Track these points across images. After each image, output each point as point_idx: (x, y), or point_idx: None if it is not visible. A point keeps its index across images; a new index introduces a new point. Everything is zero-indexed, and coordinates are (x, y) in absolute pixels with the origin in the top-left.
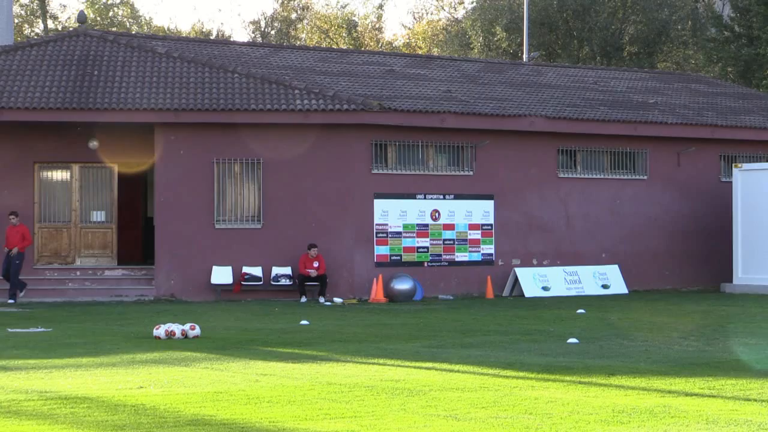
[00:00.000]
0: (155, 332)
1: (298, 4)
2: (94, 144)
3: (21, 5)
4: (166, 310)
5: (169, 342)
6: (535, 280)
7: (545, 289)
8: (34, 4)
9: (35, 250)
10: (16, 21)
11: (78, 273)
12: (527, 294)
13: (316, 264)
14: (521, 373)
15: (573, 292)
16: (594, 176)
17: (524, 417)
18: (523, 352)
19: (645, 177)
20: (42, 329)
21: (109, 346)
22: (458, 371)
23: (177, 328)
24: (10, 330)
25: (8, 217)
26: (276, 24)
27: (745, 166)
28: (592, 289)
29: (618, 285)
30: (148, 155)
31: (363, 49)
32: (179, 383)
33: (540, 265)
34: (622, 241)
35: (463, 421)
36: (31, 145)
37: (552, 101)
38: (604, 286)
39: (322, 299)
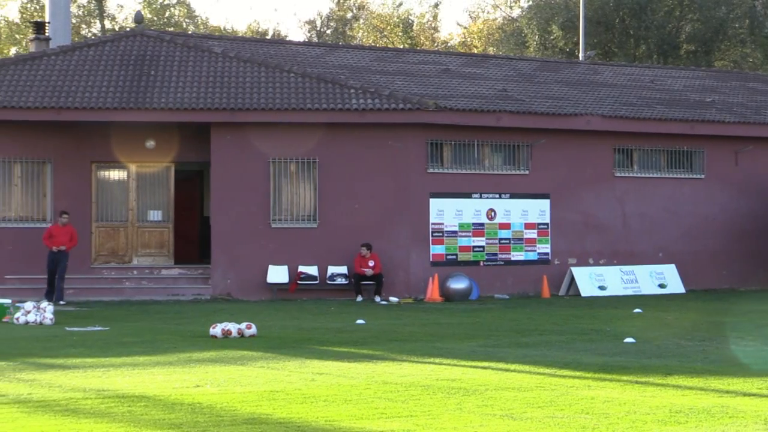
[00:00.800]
0: (212, 331)
1: (354, 4)
2: (151, 144)
3: (78, 6)
4: (223, 309)
5: (226, 341)
6: (592, 280)
7: (602, 288)
8: (92, 4)
9: (92, 250)
10: (73, 21)
11: (135, 272)
12: (583, 293)
13: (371, 263)
14: (578, 373)
15: (629, 292)
16: (650, 175)
17: (581, 417)
18: (579, 352)
19: (702, 176)
20: (99, 328)
21: (165, 345)
22: (514, 371)
23: (233, 327)
24: (67, 329)
25: (59, 216)
26: (332, 23)
27: None
28: (649, 288)
29: (675, 284)
30: (205, 155)
31: (419, 48)
32: (235, 382)
33: (596, 264)
34: (679, 241)
35: (519, 421)
36: (89, 144)
37: (608, 100)
38: (661, 286)
39: (377, 298)
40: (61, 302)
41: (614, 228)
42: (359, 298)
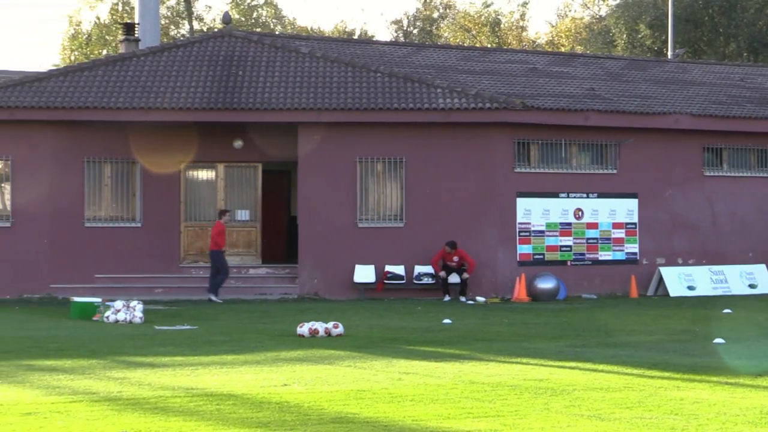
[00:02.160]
0: (299, 330)
1: (441, 3)
2: (238, 144)
3: (167, 7)
4: (310, 309)
5: (313, 340)
6: (680, 280)
7: (690, 288)
8: (181, 5)
9: (181, 249)
10: (162, 22)
11: None
12: (672, 293)
13: (456, 259)
14: (666, 374)
15: (719, 292)
16: (740, 174)
17: (670, 418)
18: (668, 352)
19: None
20: (188, 327)
21: (253, 344)
22: (602, 371)
23: (320, 327)
24: (157, 327)
25: (222, 215)
26: (418, 23)
27: None
28: (739, 288)
29: (765, 285)
30: (292, 154)
31: (506, 47)
32: (323, 381)
33: (685, 264)
34: None
35: (608, 422)
36: (177, 144)
37: (697, 99)
38: (751, 286)
39: (463, 298)
40: (216, 299)
41: (703, 228)
42: (447, 298)
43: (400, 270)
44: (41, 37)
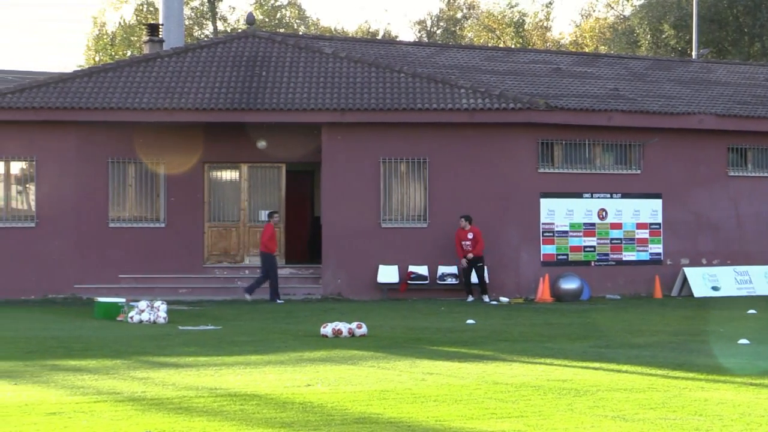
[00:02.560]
0: (322, 330)
1: (464, 3)
2: (262, 144)
3: (191, 8)
4: (333, 309)
5: (336, 340)
6: (705, 280)
7: (715, 289)
8: (204, 6)
9: (205, 250)
10: (186, 23)
11: (246, 272)
12: (696, 294)
13: (470, 236)
14: (690, 374)
15: (743, 293)
16: (765, 174)
17: (694, 419)
18: (692, 353)
19: None
20: (211, 327)
21: (277, 345)
22: (626, 371)
23: (344, 327)
24: (180, 328)
25: (272, 217)
26: (442, 23)
27: None
28: (764, 289)
29: None
30: (315, 155)
31: (529, 47)
32: (346, 381)
33: (709, 264)
34: None
35: (632, 422)
36: (201, 145)
37: (722, 99)
38: None
39: (486, 298)
40: (279, 301)
41: (728, 228)
42: (470, 299)
43: (423, 270)
44: (66, 38)
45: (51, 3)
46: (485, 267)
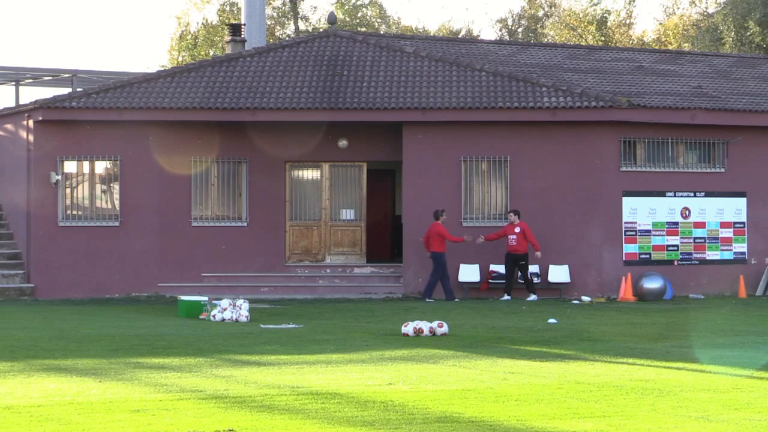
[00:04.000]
0: (404, 329)
1: (546, 1)
2: (343, 143)
3: (273, 8)
4: (414, 308)
5: (418, 339)
6: None
7: None
8: (286, 6)
9: (286, 248)
10: (268, 23)
11: (328, 270)
12: None
13: (517, 230)
14: None
15: None
16: None
17: None
18: None
19: None
20: (293, 326)
21: (358, 343)
22: (710, 372)
23: (425, 326)
24: (262, 326)
25: (438, 215)
26: (523, 21)
27: None
28: None
29: None
30: (396, 154)
31: (612, 45)
32: (427, 380)
33: None
34: None
35: (716, 423)
36: (283, 144)
37: None
38: None
39: (532, 297)
40: (456, 300)
41: None
42: (505, 297)
43: (504, 269)
44: (149, 38)
45: (134, 3)
46: (528, 265)
